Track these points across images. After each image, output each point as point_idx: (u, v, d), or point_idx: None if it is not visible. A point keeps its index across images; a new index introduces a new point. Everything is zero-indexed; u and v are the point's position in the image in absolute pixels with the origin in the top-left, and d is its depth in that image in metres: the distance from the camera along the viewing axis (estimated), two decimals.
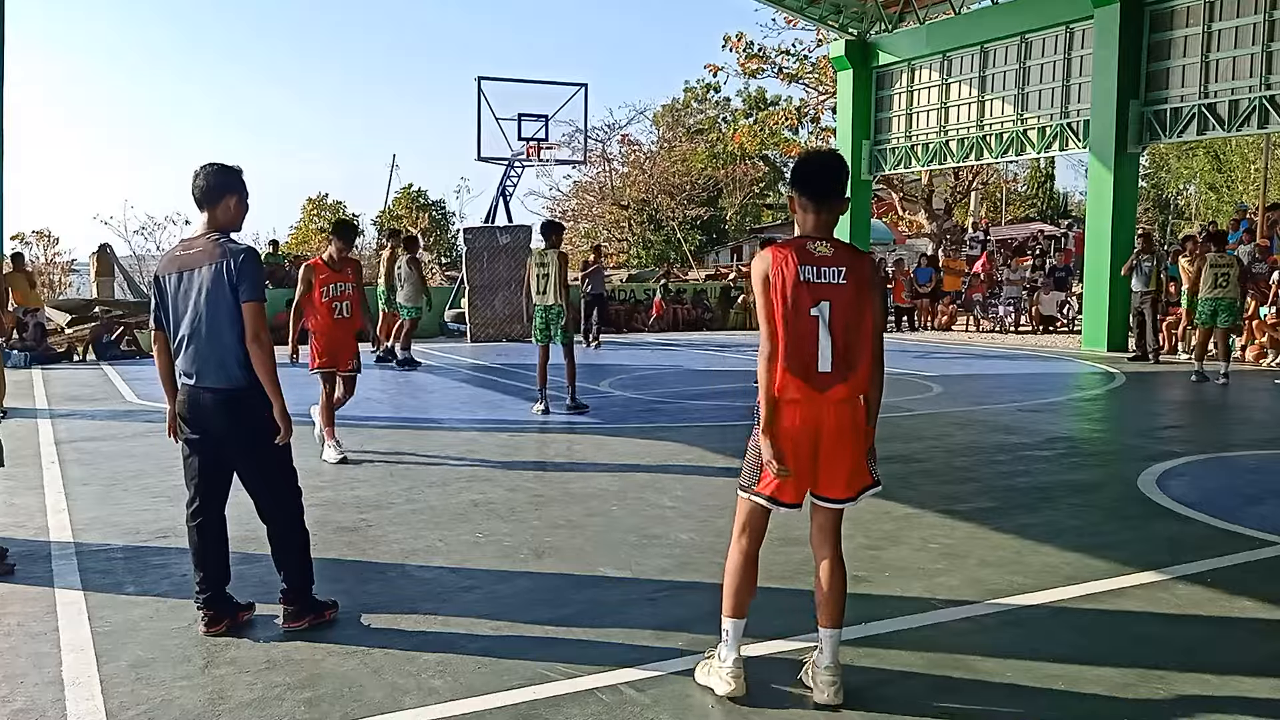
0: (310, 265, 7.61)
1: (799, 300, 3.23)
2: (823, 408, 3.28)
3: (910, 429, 8.97)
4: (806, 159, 3.41)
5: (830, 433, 3.29)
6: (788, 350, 3.24)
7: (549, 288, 9.53)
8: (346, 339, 7.66)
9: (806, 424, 3.28)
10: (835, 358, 3.25)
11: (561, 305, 9.51)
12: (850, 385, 3.29)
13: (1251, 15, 15.05)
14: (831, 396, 3.27)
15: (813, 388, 3.25)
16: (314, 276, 7.48)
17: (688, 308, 23.41)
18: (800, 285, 3.24)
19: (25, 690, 3.50)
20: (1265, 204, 21.17)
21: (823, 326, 3.24)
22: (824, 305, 3.24)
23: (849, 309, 3.26)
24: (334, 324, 7.52)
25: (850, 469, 3.35)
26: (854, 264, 3.29)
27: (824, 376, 3.25)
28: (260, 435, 3.96)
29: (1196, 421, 9.90)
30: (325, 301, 7.46)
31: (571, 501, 6.21)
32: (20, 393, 11.29)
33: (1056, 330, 20.63)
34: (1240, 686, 3.51)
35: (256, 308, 3.89)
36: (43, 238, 28.81)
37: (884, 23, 21.49)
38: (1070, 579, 4.63)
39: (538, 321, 9.66)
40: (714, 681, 3.39)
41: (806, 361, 3.24)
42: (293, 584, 4.08)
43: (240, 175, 4.04)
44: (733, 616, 3.41)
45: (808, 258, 3.26)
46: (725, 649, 3.40)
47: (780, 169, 43.14)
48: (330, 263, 7.57)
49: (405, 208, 40.04)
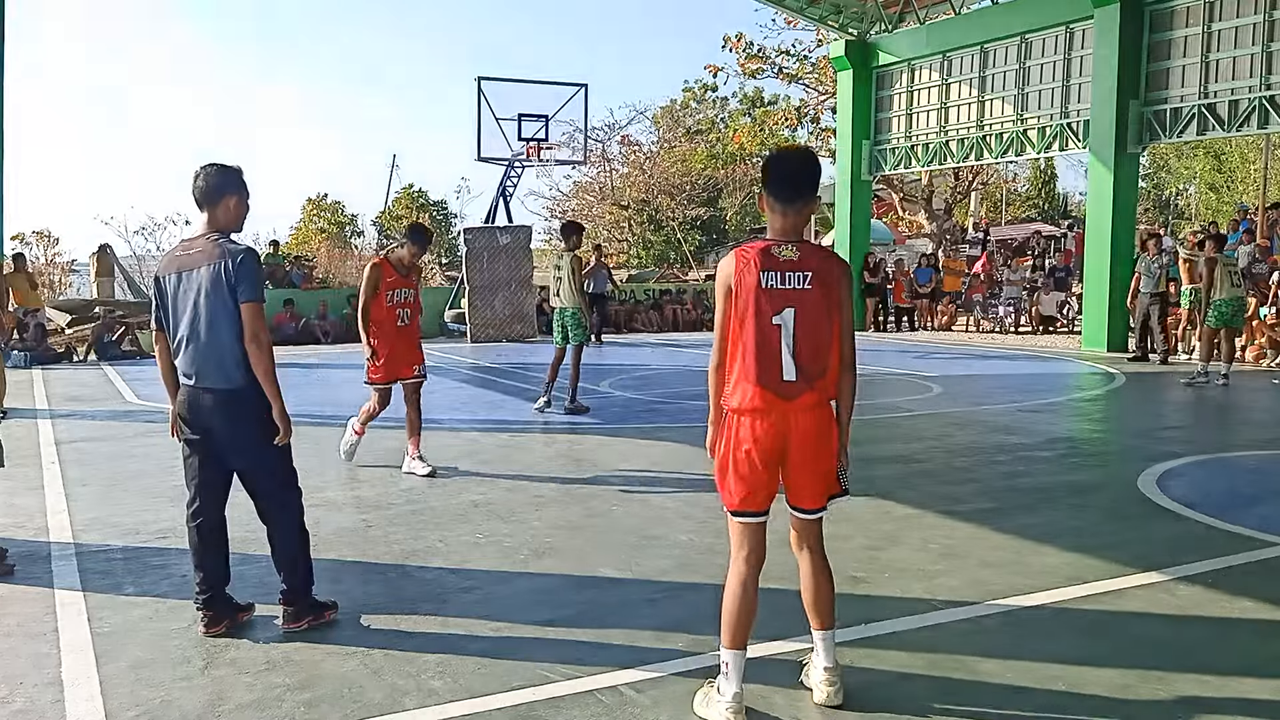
0: (377, 265, 6.99)
1: (760, 308, 3.16)
2: (791, 416, 3.20)
3: (910, 429, 8.97)
4: (775, 157, 3.29)
5: (798, 441, 3.21)
6: (752, 360, 3.17)
7: (562, 290, 9.57)
8: (409, 348, 7.09)
9: (774, 433, 3.20)
10: (800, 365, 3.16)
11: (575, 308, 9.55)
12: (819, 391, 3.21)
13: (1251, 15, 15.04)
14: (800, 404, 3.19)
15: (779, 397, 3.17)
16: (381, 279, 6.90)
17: (688, 308, 23.42)
18: (762, 293, 3.16)
19: (25, 690, 3.50)
20: (1265, 204, 21.18)
21: (785, 334, 3.15)
22: (787, 313, 3.15)
23: (814, 314, 3.16)
24: (397, 332, 6.97)
25: (820, 478, 3.27)
26: (821, 266, 3.18)
27: (790, 385, 3.17)
28: (260, 436, 3.96)
29: (1196, 422, 9.89)
30: (389, 307, 6.90)
31: (571, 502, 6.21)
32: (20, 393, 11.29)
33: (1056, 331, 20.62)
34: (1240, 687, 3.51)
35: (255, 308, 3.89)
36: (43, 238, 28.82)
37: (884, 23, 21.48)
38: (1070, 579, 4.63)
39: (554, 323, 9.78)
40: (713, 714, 3.24)
41: (772, 371, 3.17)
42: (292, 585, 4.08)
43: (240, 175, 4.04)
44: (730, 648, 3.25)
45: (771, 263, 3.16)
46: (725, 683, 3.24)
47: None
48: (399, 266, 6.99)
49: (406, 208, 40.04)
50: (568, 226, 10.10)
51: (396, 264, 7.01)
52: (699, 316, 23.15)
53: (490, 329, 19.38)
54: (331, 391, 11.90)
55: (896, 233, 33.87)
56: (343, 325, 19.87)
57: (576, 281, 9.53)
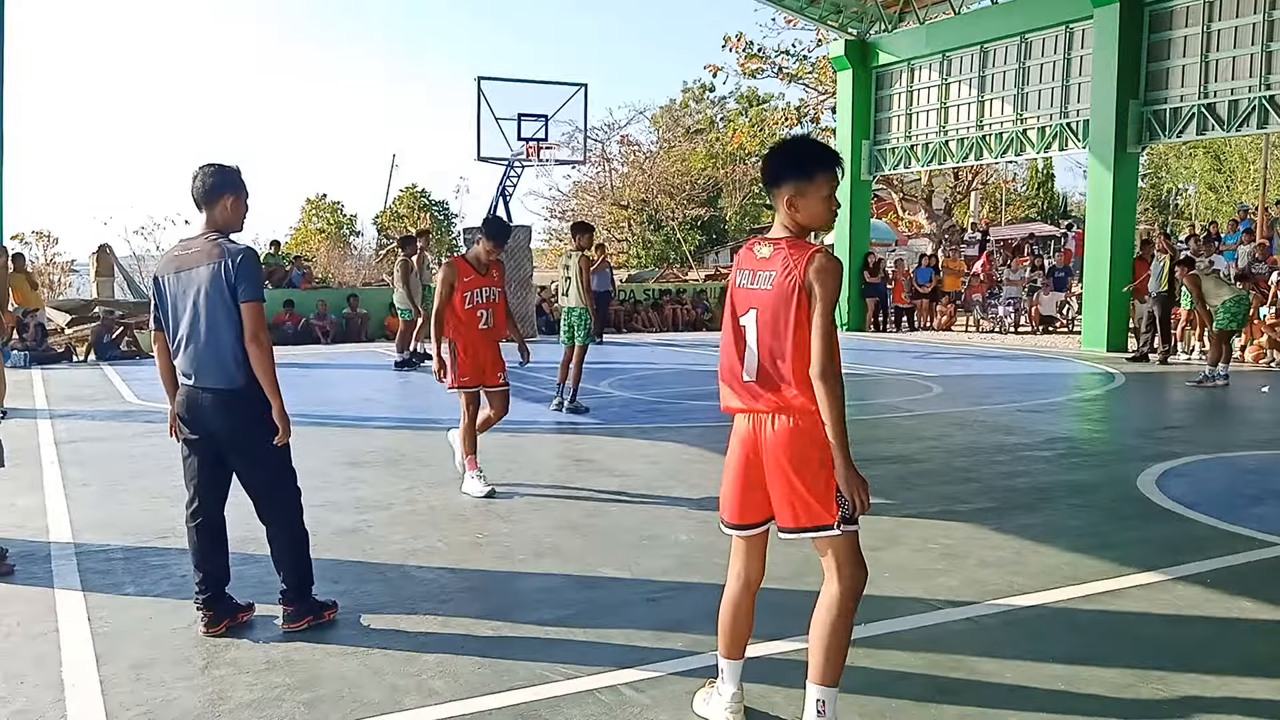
0: (452, 264, 6.52)
1: (734, 307, 3.08)
2: (760, 422, 3.02)
3: (910, 429, 8.97)
4: (772, 146, 3.12)
5: (767, 452, 3.00)
6: (722, 359, 3.10)
7: (570, 289, 9.59)
8: (492, 350, 6.67)
9: (750, 441, 3.04)
10: (761, 369, 2.98)
11: (581, 308, 9.58)
12: (780, 398, 2.95)
13: (1251, 15, 15.05)
14: (763, 408, 2.99)
15: (744, 400, 3.03)
16: (456, 279, 6.46)
17: (688, 308, 23.41)
18: (737, 291, 3.07)
19: (25, 690, 3.50)
20: (1265, 204, 21.18)
21: (750, 336, 3.00)
22: (752, 314, 3.00)
23: (770, 316, 2.94)
24: (479, 335, 6.52)
25: (791, 497, 2.97)
26: (786, 266, 2.92)
27: (750, 387, 3.01)
28: (259, 436, 3.96)
29: (1196, 421, 9.89)
30: (468, 309, 6.45)
31: (571, 502, 6.21)
32: (20, 393, 11.29)
33: (1056, 330, 20.63)
34: (1240, 687, 3.51)
35: (255, 308, 3.88)
36: (42, 238, 28.81)
37: (884, 23, 21.49)
38: (1070, 579, 4.63)
39: (561, 323, 9.82)
40: (712, 714, 3.23)
41: (736, 371, 3.05)
42: (291, 584, 4.08)
43: (238, 175, 4.03)
44: (725, 657, 3.20)
45: (748, 261, 3.05)
46: (723, 684, 3.21)
47: None
48: (476, 264, 6.54)
49: (407, 207, 40.03)
50: (578, 226, 10.14)
51: (473, 261, 6.56)
52: (698, 316, 23.15)
53: None
54: (331, 391, 11.91)
55: (897, 232, 33.89)
56: (342, 325, 19.88)
57: (583, 281, 9.54)
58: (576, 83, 22.26)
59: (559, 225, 40.52)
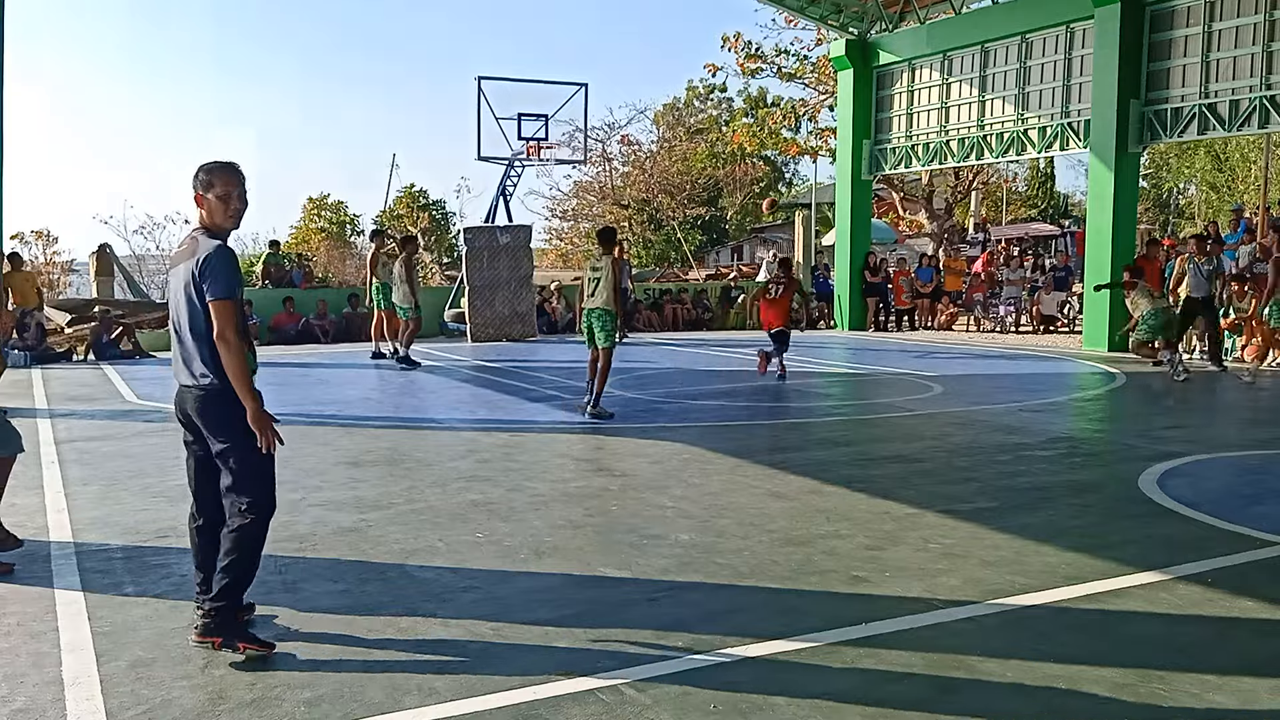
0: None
1: None
2: None
3: (911, 428, 8.97)
4: None
5: None
6: None
7: (599, 290, 9.46)
8: None
9: None
10: None
11: (603, 309, 9.45)
12: None
13: (1252, 15, 15.04)
14: None
15: None
16: None
17: (688, 308, 23.40)
18: None
19: (25, 690, 3.50)
20: (1265, 204, 21.17)
21: None
22: None
23: None
24: None
25: None
26: None
27: None
28: (228, 436, 3.81)
29: (1197, 421, 9.89)
30: None
31: (571, 502, 6.21)
32: (20, 393, 11.29)
33: (1057, 330, 20.62)
34: (1240, 687, 3.50)
35: (220, 305, 3.74)
36: (42, 238, 28.84)
37: (884, 22, 21.48)
38: (1070, 579, 4.63)
39: (584, 326, 9.66)
40: None
41: None
42: (215, 595, 3.82)
43: (232, 171, 3.92)
44: None
45: None
46: None
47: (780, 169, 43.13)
48: None
49: (406, 207, 40.02)
50: (605, 232, 9.97)
51: None
52: (699, 316, 23.13)
53: (490, 328, 19.37)
54: (331, 391, 11.91)
55: (897, 232, 33.88)
56: (342, 325, 19.87)
57: (614, 281, 9.42)
58: (577, 82, 22.29)
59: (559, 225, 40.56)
